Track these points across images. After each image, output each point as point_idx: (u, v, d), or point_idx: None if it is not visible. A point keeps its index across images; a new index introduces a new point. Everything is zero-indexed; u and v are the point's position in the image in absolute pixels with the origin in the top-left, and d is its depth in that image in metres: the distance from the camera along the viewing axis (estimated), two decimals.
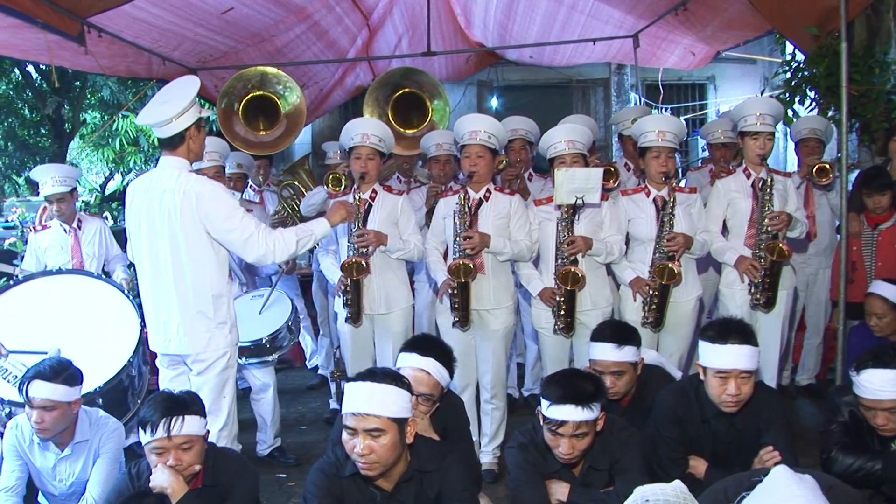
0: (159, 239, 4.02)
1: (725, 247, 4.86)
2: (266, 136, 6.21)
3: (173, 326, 4.05)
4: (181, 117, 3.97)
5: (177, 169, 4.03)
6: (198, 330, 4.04)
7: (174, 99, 4.03)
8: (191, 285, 4.02)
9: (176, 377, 4.20)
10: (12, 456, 3.90)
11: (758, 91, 10.41)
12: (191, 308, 4.03)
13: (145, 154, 13.66)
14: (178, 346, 4.08)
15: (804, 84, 6.04)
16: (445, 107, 6.67)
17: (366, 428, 2.80)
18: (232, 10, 6.84)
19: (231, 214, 4.03)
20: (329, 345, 6.65)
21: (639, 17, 7.71)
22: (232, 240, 4.05)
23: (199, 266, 4.03)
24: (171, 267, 4.01)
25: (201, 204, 3.97)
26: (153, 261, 4.06)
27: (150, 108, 4.14)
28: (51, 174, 5.64)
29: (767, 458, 3.42)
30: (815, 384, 6.23)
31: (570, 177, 4.43)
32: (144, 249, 4.09)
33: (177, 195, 3.96)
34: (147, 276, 4.11)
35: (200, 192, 3.98)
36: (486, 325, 4.79)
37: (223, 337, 4.10)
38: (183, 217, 3.97)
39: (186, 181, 3.99)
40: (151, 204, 4.03)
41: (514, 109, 9.53)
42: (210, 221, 3.99)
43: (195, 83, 4.11)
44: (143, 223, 4.07)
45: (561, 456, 3.25)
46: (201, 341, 4.05)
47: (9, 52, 5.98)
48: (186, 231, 3.98)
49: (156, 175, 4.10)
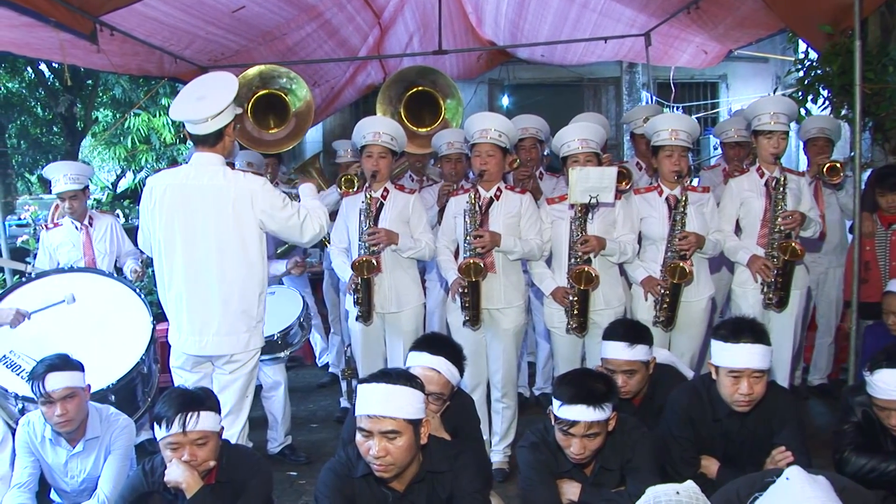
0: (201, 238, 3.98)
1: (738, 246, 4.84)
2: (277, 133, 6.22)
3: (213, 326, 4.03)
4: (220, 115, 3.95)
5: (216, 166, 4.01)
6: (238, 329, 4.05)
7: (213, 96, 3.98)
8: (238, 284, 4.02)
9: (199, 381, 4.13)
10: (25, 452, 3.94)
11: (770, 90, 10.38)
12: (235, 308, 4.03)
13: (157, 152, 13.68)
14: (216, 346, 4.06)
15: (817, 83, 6.01)
16: (458, 106, 6.66)
17: (381, 430, 2.79)
18: (243, 8, 6.85)
19: (284, 203, 4.08)
20: (340, 343, 6.66)
21: (651, 15, 7.68)
22: (291, 226, 4.10)
23: (250, 264, 4.04)
24: (216, 265, 3.99)
25: (257, 200, 3.98)
26: (189, 260, 4.02)
27: (186, 102, 4.08)
28: (63, 171, 5.65)
29: (780, 458, 3.41)
30: (828, 384, 6.20)
31: (585, 176, 4.41)
32: (178, 249, 4.03)
33: (228, 193, 3.96)
34: (180, 276, 4.05)
35: (253, 188, 3.99)
36: (496, 323, 4.79)
37: (258, 335, 4.15)
38: (236, 214, 3.97)
39: (234, 179, 3.99)
40: (190, 201, 3.99)
41: (525, 108, 9.52)
42: (269, 214, 4.02)
43: (234, 82, 4.06)
44: (176, 222, 4.02)
45: (572, 456, 3.25)
46: (241, 341, 4.07)
47: (22, 50, 5.99)
48: (240, 229, 3.99)
49: (190, 172, 4.05)
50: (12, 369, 4.46)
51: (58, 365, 3.76)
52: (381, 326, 5.00)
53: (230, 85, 4.03)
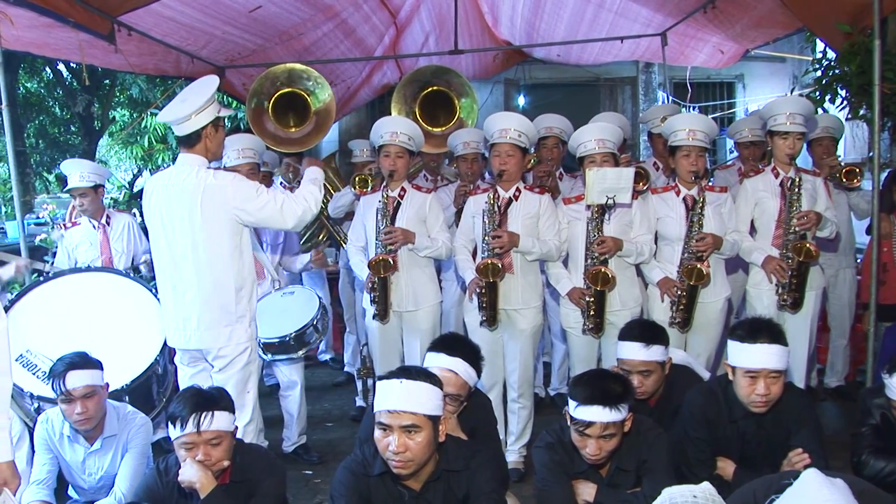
0: (178, 235, 4.08)
1: (753, 247, 4.82)
2: (296, 132, 6.22)
3: (193, 321, 4.11)
4: (198, 115, 4.04)
5: (195, 166, 4.09)
6: (218, 323, 4.09)
7: (192, 98, 4.10)
8: (212, 280, 4.07)
9: (196, 374, 4.25)
10: (43, 450, 3.97)
11: (787, 90, 10.33)
12: (212, 302, 4.07)
13: (173, 151, 13.74)
14: (198, 340, 4.13)
15: (835, 82, 5.95)
16: (473, 105, 6.65)
17: (401, 424, 2.79)
18: (260, 8, 6.87)
19: (258, 192, 4.12)
20: (356, 342, 6.67)
21: (667, 15, 7.66)
22: (269, 214, 4.12)
23: (222, 260, 4.07)
24: (192, 262, 4.07)
25: (227, 195, 4.03)
26: (171, 256, 4.13)
27: (170, 105, 4.22)
28: (78, 169, 5.74)
29: (797, 460, 3.40)
30: (844, 386, 6.16)
31: (602, 176, 4.40)
32: (162, 246, 4.16)
33: (196, 192, 4.02)
34: (166, 272, 4.18)
35: (222, 184, 4.05)
36: (513, 324, 4.78)
37: (243, 330, 4.15)
38: (203, 212, 4.02)
39: (205, 177, 4.05)
40: (170, 200, 4.09)
41: (541, 108, 9.51)
42: (243, 207, 4.05)
43: (213, 82, 4.15)
44: (161, 219, 4.14)
45: (588, 456, 3.24)
46: (222, 335, 4.10)
47: (41, 50, 6.04)
48: (208, 226, 4.03)
49: (173, 172, 4.16)
50: (29, 369, 4.50)
51: (78, 363, 3.80)
52: (398, 325, 5.01)
53: (209, 86, 4.12)
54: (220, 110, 4.16)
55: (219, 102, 4.17)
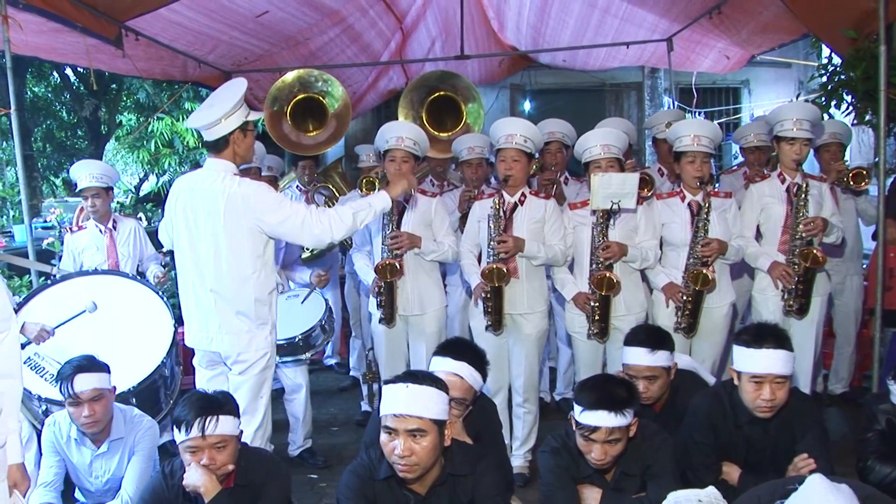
0: (202, 239, 4.06)
1: (759, 252, 4.82)
2: (315, 136, 6.26)
3: (215, 324, 4.09)
4: (227, 120, 4.00)
5: (221, 171, 4.06)
6: (239, 329, 4.08)
7: (219, 103, 4.07)
8: (231, 288, 4.05)
9: (214, 377, 4.23)
10: (50, 452, 4.00)
11: (793, 95, 10.32)
12: (233, 308, 4.06)
13: (180, 156, 13.77)
14: (219, 344, 4.11)
15: (841, 88, 5.95)
16: (479, 110, 6.67)
17: (407, 428, 2.80)
18: (267, 13, 6.90)
19: (280, 205, 4.06)
20: (361, 346, 6.67)
21: (673, 20, 7.67)
22: (288, 229, 4.07)
23: (243, 267, 4.05)
24: (214, 268, 4.05)
25: (249, 204, 4.00)
26: (195, 259, 4.11)
27: (197, 111, 4.21)
28: (89, 170, 5.72)
29: (802, 465, 3.39)
30: (850, 392, 6.15)
31: (607, 182, 4.41)
32: (186, 249, 4.14)
33: (220, 198, 4.00)
34: (189, 275, 4.15)
35: (246, 193, 4.01)
36: (519, 329, 4.79)
37: (263, 337, 4.14)
38: (227, 220, 4.00)
39: (230, 184, 4.02)
40: (195, 204, 4.08)
41: (546, 113, 9.50)
42: (262, 218, 4.02)
43: (240, 87, 4.10)
44: (186, 222, 4.12)
45: (593, 461, 3.25)
46: (242, 341, 4.08)
47: (49, 55, 6.07)
48: (230, 233, 4.01)
49: (200, 176, 4.14)
50: (37, 371, 4.52)
51: (85, 366, 3.82)
52: (404, 329, 5.02)
53: (236, 91, 4.08)
54: (249, 114, 4.12)
55: (247, 107, 4.12)
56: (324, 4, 7.40)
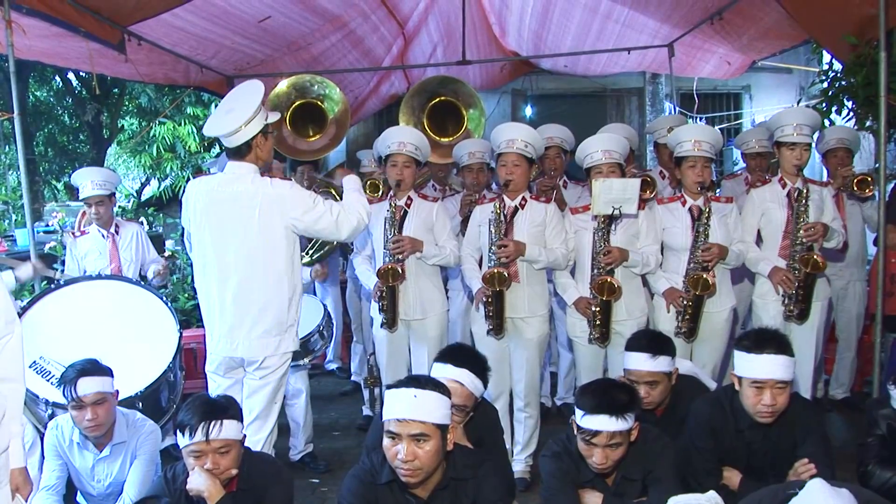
0: (230, 243, 4.04)
1: (759, 257, 4.83)
2: (315, 141, 6.27)
3: (244, 329, 4.07)
4: (248, 126, 3.98)
5: (248, 174, 4.05)
6: (269, 333, 4.08)
7: (239, 108, 4.03)
8: (265, 290, 4.05)
9: (231, 386, 4.18)
10: (53, 456, 3.99)
11: (794, 101, 10.33)
12: (264, 312, 4.06)
13: (182, 160, 13.81)
14: (246, 349, 4.09)
15: (841, 94, 5.98)
16: (481, 116, 6.68)
17: (410, 433, 2.81)
18: (269, 18, 6.92)
19: (314, 203, 4.09)
20: (363, 351, 6.68)
21: (674, 26, 7.69)
22: (324, 225, 4.11)
23: (278, 268, 4.07)
24: (244, 270, 4.04)
25: (284, 204, 4.01)
26: (220, 265, 4.08)
27: (216, 118, 4.16)
28: (91, 177, 5.72)
29: (803, 470, 3.39)
30: (851, 397, 6.15)
31: (608, 187, 4.42)
32: (210, 254, 4.11)
33: (255, 199, 4.00)
34: (213, 281, 4.12)
35: (280, 193, 4.03)
36: (520, 333, 4.79)
37: (290, 339, 4.17)
38: (262, 220, 4.00)
39: (263, 185, 4.03)
40: (221, 208, 4.06)
41: (548, 118, 9.49)
42: (297, 217, 4.04)
43: (259, 90, 4.07)
44: (207, 228, 4.10)
45: (594, 466, 3.26)
46: (272, 345, 4.09)
47: (52, 60, 6.10)
48: (265, 234, 4.02)
49: (223, 179, 4.12)
50: (42, 375, 4.52)
51: (89, 370, 3.83)
52: (406, 333, 5.02)
53: (256, 92, 4.06)
54: (269, 117, 4.11)
55: (266, 108, 4.10)
56: (326, 10, 7.42)
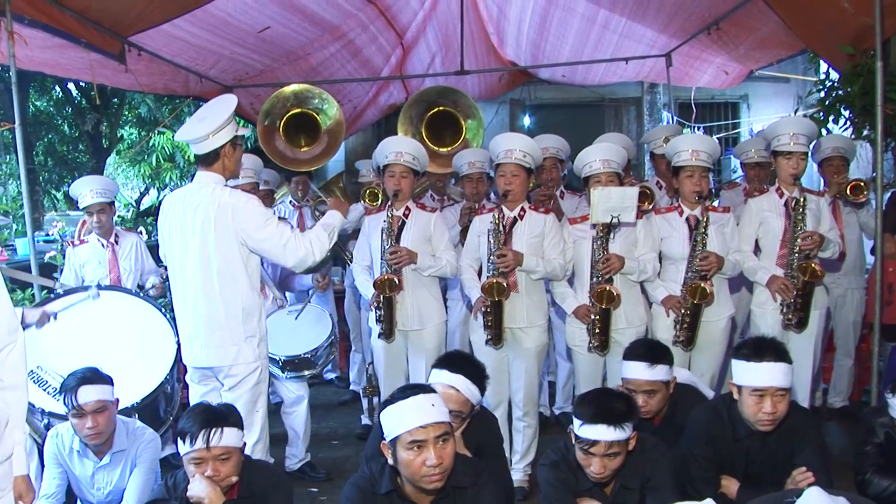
0: (190, 252, 4.10)
1: (757, 266, 4.84)
2: (308, 152, 6.28)
3: (201, 339, 4.13)
4: (216, 135, 4.05)
5: (211, 184, 4.11)
6: (224, 343, 4.10)
7: (210, 117, 4.12)
8: (220, 299, 4.08)
9: (207, 393, 4.24)
10: (53, 464, 4.00)
11: (791, 110, 10.35)
12: (219, 321, 4.09)
13: (181, 170, 13.86)
14: (204, 358, 4.15)
15: (838, 103, 5.99)
16: (479, 126, 6.70)
17: (437, 435, 2.80)
18: (268, 29, 6.95)
19: (266, 223, 4.11)
20: (361, 361, 6.68)
21: (671, 36, 7.72)
22: (270, 247, 4.11)
23: (230, 279, 4.09)
24: (201, 280, 4.09)
25: (237, 216, 4.05)
26: (183, 273, 4.16)
27: (187, 125, 4.27)
28: (90, 186, 5.72)
29: (801, 478, 3.39)
30: (849, 406, 6.15)
31: (606, 196, 4.44)
32: (176, 263, 4.19)
33: (211, 208, 4.05)
34: (178, 289, 4.21)
35: (235, 204, 4.06)
36: (519, 343, 4.80)
37: (251, 350, 4.15)
38: (216, 229, 4.05)
39: (221, 194, 4.08)
40: (185, 217, 4.12)
41: (546, 128, 9.55)
42: (246, 232, 4.06)
43: (231, 102, 4.17)
44: (175, 237, 4.17)
45: (593, 475, 3.26)
46: (229, 354, 4.11)
47: (53, 70, 6.12)
48: (219, 244, 4.06)
49: (190, 189, 4.20)
50: (40, 385, 4.52)
51: (89, 378, 3.84)
52: (404, 344, 5.03)
53: (228, 105, 4.14)
54: (238, 130, 4.18)
55: (236, 122, 4.17)
56: (325, 20, 7.45)
